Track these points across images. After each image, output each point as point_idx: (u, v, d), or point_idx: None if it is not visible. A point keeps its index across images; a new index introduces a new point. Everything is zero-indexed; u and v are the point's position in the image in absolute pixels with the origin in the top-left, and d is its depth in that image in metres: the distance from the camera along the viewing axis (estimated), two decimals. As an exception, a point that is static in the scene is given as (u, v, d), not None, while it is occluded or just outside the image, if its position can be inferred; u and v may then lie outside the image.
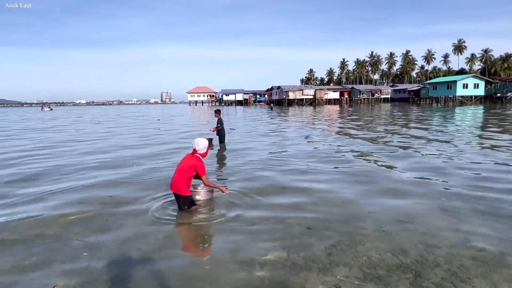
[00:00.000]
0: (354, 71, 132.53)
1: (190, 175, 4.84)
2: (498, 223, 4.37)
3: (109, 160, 9.36)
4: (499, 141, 11.77)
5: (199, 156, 4.94)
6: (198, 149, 4.93)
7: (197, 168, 4.81)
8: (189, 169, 4.81)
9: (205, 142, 4.98)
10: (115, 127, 22.43)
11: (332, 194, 5.79)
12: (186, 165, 4.83)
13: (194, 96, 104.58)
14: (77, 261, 3.56)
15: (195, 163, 4.82)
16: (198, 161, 4.86)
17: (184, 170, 4.81)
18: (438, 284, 3.00)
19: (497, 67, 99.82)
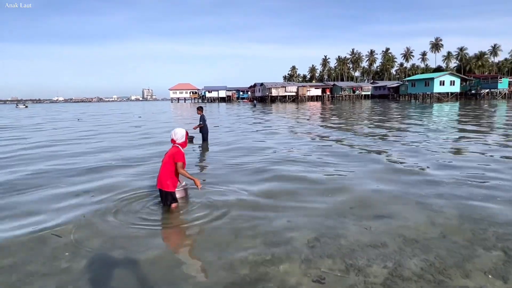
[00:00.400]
0: (335, 68, 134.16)
1: (172, 167, 4.80)
2: (470, 216, 4.57)
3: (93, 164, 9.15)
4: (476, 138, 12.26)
5: (178, 146, 4.93)
6: (176, 138, 4.91)
7: (174, 155, 4.77)
8: (170, 161, 4.79)
9: (182, 131, 4.98)
10: (97, 126, 21.89)
11: (314, 189, 5.88)
12: (167, 158, 4.81)
13: (177, 93, 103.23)
14: (58, 261, 3.49)
15: (173, 152, 4.80)
16: (177, 149, 4.86)
17: (166, 164, 4.79)
18: (418, 274, 3.12)
19: (471, 65, 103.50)
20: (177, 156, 4.78)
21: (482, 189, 5.70)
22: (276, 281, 3.05)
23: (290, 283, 3.02)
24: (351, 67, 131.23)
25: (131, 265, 3.40)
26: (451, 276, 3.10)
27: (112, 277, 3.20)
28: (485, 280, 3.02)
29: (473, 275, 3.10)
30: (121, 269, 3.35)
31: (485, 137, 12.12)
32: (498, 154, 8.70)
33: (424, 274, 3.13)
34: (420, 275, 3.11)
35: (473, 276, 3.08)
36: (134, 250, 3.70)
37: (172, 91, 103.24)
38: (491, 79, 61.09)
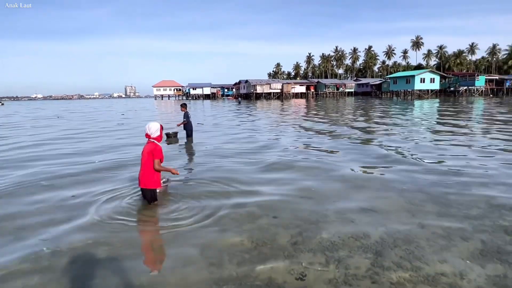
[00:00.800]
0: (319, 65, 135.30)
1: (151, 164, 4.73)
2: (449, 207, 4.72)
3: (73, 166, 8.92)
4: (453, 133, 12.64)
5: (154, 141, 4.83)
6: (150, 133, 4.81)
7: (153, 152, 4.70)
8: (148, 158, 4.70)
9: (156, 125, 4.87)
10: (78, 124, 21.35)
11: (297, 185, 5.93)
12: (146, 156, 4.72)
13: (160, 90, 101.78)
14: (39, 258, 3.40)
15: (151, 149, 4.71)
16: (153, 145, 4.77)
17: (146, 162, 4.71)
18: (397, 263, 3.20)
19: (450, 63, 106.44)
20: (156, 153, 4.71)
21: (460, 181, 5.89)
22: (263, 278, 3.06)
23: (276, 279, 3.05)
24: (335, 65, 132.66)
25: (114, 264, 3.35)
26: (429, 262, 3.20)
27: (95, 276, 3.15)
28: (463, 265, 3.14)
29: (451, 261, 3.21)
30: (104, 268, 3.29)
31: (465, 131, 12.52)
32: (476, 148, 9.01)
33: (402, 262, 3.22)
34: (399, 264, 3.20)
35: (451, 262, 3.19)
36: (117, 249, 3.64)
37: (155, 88, 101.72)
38: (468, 77, 63.02)
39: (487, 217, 4.31)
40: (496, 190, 5.41)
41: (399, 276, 3.00)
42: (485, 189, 5.47)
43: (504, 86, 66.58)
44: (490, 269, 3.09)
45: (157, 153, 4.73)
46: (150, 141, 4.84)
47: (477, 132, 12.37)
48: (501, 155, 8.15)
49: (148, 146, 4.77)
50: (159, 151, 4.77)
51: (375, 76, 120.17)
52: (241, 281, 3.00)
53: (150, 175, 4.73)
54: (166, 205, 4.95)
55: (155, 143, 4.82)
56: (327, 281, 2.96)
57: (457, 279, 2.94)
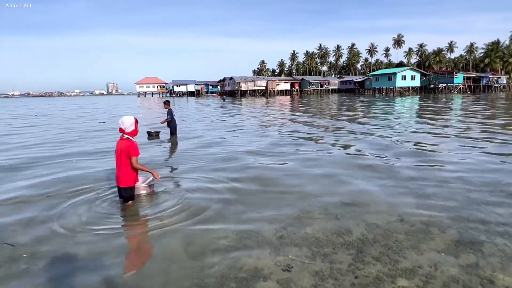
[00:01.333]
0: (304, 62, 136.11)
1: (127, 161, 4.59)
2: (428, 199, 4.91)
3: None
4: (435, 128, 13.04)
5: (129, 137, 4.64)
6: (124, 127, 4.59)
7: (129, 150, 4.54)
8: (124, 156, 4.56)
9: (130, 119, 4.65)
10: (57, 122, 20.78)
11: (282, 179, 6.02)
12: (119, 153, 4.58)
13: (143, 87, 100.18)
14: (16, 263, 3.34)
15: (126, 146, 4.55)
16: (128, 142, 4.58)
17: (122, 160, 4.59)
18: (377, 257, 3.33)
19: (430, 61, 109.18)
20: (132, 151, 4.54)
21: (436, 176, 6.11)
22: (248, 270, 3.12)
23: (261, 271, 3.11)
24: (319, 62, 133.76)
25: (95, 264, 3.33)
26: (406, 255, 3.34)
27: (75, 276, 3.13)
28: (438, 257, 3.29)
29: (427, 254, 3.36)
30: (84, 268, 3.26)
31: (443, 126, 12.93)
32: (455, 143, 9.34)
33: (381, 257, 3.34)
34: (378, 258, 3.33)
35: (427, 255, 3.34)
36: (98, 249, 3.62)
37: (138, 85, 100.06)
38: (447, 74, 64.88)
39: (464, 208, 4.51)
40: (471, 183, 5.64)
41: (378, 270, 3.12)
42: (462, 182, 5.69)
43: (481, 83, 68.93)
44: (463, 259, 3.25)
45: (134, 151, 4.56)
46: (124, 138, 4.63)
47: (454, 130, 12.78)
48: (478, 151, 8.48)
49: (124, 143, 4.58)
50: (135, 148, 4.59)
51: (358, 73, 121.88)
52: (225, 274, 3.05)
53: (127, 173, 4.63)
54: (148, 203, 4.93)
55: (130, 140, 4.62)
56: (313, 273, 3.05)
57: (432, 271, 3.08)
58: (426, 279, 2.94)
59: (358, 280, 2.95)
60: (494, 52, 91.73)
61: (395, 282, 2.91)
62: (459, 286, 2.85)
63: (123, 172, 4.64)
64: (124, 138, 4.63)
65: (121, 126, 4.63)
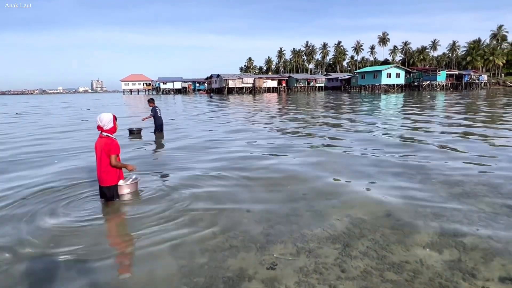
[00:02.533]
0: (291, 60, 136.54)
1: (108, 160, 4.48)
2: (414, 191, 4.97)
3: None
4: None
5: (108, 134, 4.52)
6: (102, 125, 4.46)
7: (110, 149, 4.42)
8: (104, 155, 4.46)
9: (109, 115, 4.54)
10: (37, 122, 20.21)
11: (269, 178, 6.00)
12: (99, 153, 4.47)
13: (129, 84, 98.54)
14: (-6, 266, 3.21)
15: (107, 144, 4.43)
16: (108, 140, 4.47)
17: (102, 159, 4.47)
18: (364, 252, 3.33)
19: (414, 58, 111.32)
20: (112, 149, 4.43)
21: (420, 172, 6.20)
22: (234, 270, 3.08)
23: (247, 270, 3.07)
24: (306, 59, 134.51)
25: (79, 267, 3.21)
26: (393, 251, 3.36)
27: (60, 279, 3.02)
28: (423, 253, 3.32)
29: (413, 250, 3.38)
30: (69, 272, 3.16)
31: (429, 121, 13.17)
32: (439, 138, 9.51)
33: (369, 252, 3.35)
34: (365, 253, 3.34)
35: (413, 251, 3.37)
36: (82, 252, 3.51)
37: (124, 82, 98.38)
38: (431, 72, 66.21)
39: (449, 201, 4.58)
40: (458, 175, 5.74)
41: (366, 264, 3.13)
42: (448, 173, 5.79)
43: (463, 80, 70.63)
44: (447, 255, 3.28)
45: (114, 149, 4.45)
46: (103, 136, 4.50)
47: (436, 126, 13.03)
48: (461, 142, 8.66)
49: (103, 141, 4.46)
50: (115, 146, 4.48)
51: (344, 71, 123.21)
52: (212, 274, 3.00)
53: (109, 171, 4.52)
54: (132, 202, 4.82)
55: (110, 138, 4.51)
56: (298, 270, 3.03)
57: (419, 266, 3.10)
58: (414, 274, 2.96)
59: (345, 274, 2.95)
60: (476, 50, 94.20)
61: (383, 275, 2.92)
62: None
63: (105, 170, 4.51)
64: (104, 136, 4.51)
65: (99, 124, 4.49)
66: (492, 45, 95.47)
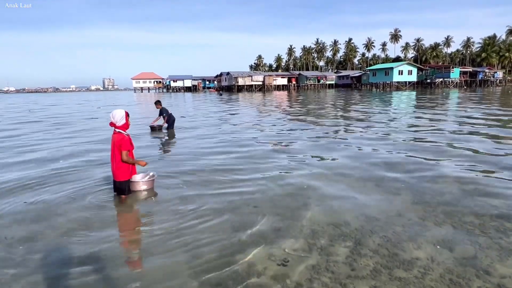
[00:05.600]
0: (301, 57, 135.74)
1: (120, 156, 4.59)
2: (424, 194, 4.91)
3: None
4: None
5: (120, 130, 4.61)
6: (115, 121, 4.56)
7: (121, 145, 4.52)
8: (117, 151, 4.57)
9: (121, 112, 4.63)
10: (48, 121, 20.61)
11: (279, 174, 5.99)
12: (113, 149, 4.60)
13: (140, 82, 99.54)
14: (13, 254, 3.30)
15: (118, 140, 4.53)
16: (119, 136, 4.56)
17: (114, 155, 4.60)
18: (375, 250, 3.31)
19: (427, 55, 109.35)
20: (123, 145, 4.53)
21: (431, 171, 6.11)
22: (243, 265, 3.10)
23: (256, 266, 3.09)
24: (316, 57, 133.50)
25: (91, 262, 3.27)
26: (405, 248, 3.33)
27: (69, 272, 3.09)
28: (434, 250, 3.28)
29: (424, 247, 3.35)
30: (82, 266, 3.20)
31: (442, 122, 12.95)
32: (449, 138, 9.35)
33: (380, 249, 3.33)
34: (376, 251, 3.32)
35: (424, 248, 3.33)
36: (91, 243, 3.57)
37: (135, 80, 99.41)
38: (444, 69, 65.02)
39: (460, 202, 4.51)
40: (471, 178, 5.64)
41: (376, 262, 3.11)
42: (458, 176, 5.70)
43: (477, 78, 69.14)
44: (459, 252, 3.24)
45: (125, 145, 4.55)
46: (116, 132, 4.61)
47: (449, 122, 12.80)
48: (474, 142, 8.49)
49: (115, 137, 4.57)
50: (126, 141, 4.58)
51: (355, 68, 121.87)
52: (221, 269, 3.02)
53: (121, 167, 4.63)
54: (146, 199, 4.89)
55: (122, 134, 4.60)
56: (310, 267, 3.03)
57: (429, 263, 3.07)
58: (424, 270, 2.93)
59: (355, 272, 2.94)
60: (491, 46, 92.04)
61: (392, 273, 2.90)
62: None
63: (117, 166, 4.62)
64: (116, 132, 4.61)
65: (112, 120, 4.61)
66: (508, 41, 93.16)
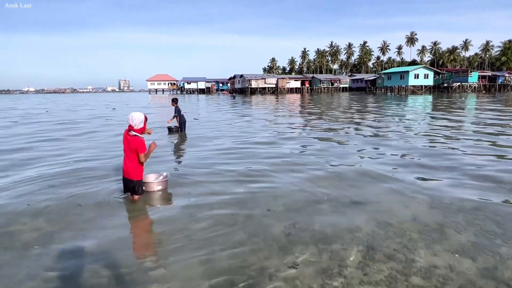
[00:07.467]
0: (314, 60, 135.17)
1: (135, 157, 4.64)
2: (440, 200, 4.77)
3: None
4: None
5: (136, 134, 4.60)
6: (133, 124, 4.56)
7: (137, 148, 4.54)
8: (132, 153, 4.61)
9: (140, 116, 4.63)
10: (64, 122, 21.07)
11: (290, 178, 5.93)
12: (127, 150, 4.62)
13: (154, 84, 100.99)
14: (28, 253, 3.36)
15: (134, 143, 4.54)
16: (136, 139, 4.56)
17: (128, 156, 4.64)
18: (390, 255, 3.22)
19: (444, 59, 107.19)
20: (140, 148, 4.56)
21: (450, 176, 5.94)
22: (255, 268, 3.06)
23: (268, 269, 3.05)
24: (330, 60, 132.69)
25: (105, 259, 3.30)
26: (421, 255, 3.23)
27: (82, 271, 3.11)
28: (452, 259, 3.16)
29: (442, 255, 3.23)
30: (96, 264, 3.23)
31: (459, 127, 12.63)
32: (465, 143, 9.10)
33: (396, 255, 3.23)
34: (391, 256, 3.22)
35: (442, 256, 3.22)
36: (105, 243, 3.60)
37: (150, 82, 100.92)
38: (462, 73, 63.47)
39: (480, 210, 4.35)
40: (487, 184, 5.46)
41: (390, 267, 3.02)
42: (479, 182, 5.52)
43: (497, 82, 67.28)
44: (481, 262, 3.11)
45: (142, 147, 4.59)
46: (132, 135, 4.58)
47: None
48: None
49: (132, 140, 4.55)
50: (143, 144, 4.60)
51: (369, 71, 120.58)
52: (233, 272, 2.99)
53: (136, 167, 4.67)
54: (158, 200, 4.91)
55: (138, 137, 4.59)
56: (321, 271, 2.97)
57: (448, 272, 2.96)
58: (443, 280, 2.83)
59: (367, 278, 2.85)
60: (511, 50, 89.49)
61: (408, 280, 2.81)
62: None
63: (131, 166, 4.66)
64: (132, 135, 4.60)
65: (130, 123, 4.60)
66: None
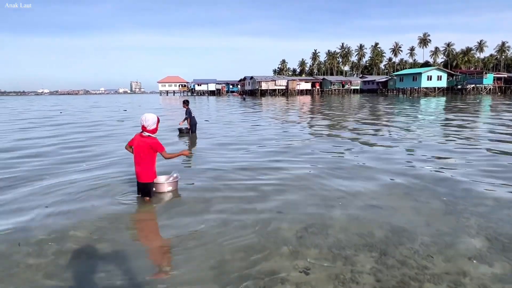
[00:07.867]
0: (325, 62, 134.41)
1: (152, 158, 4.72)
2: (455, 205, 4.69)
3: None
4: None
5: (150, 134, 4.67)
6: (147, 125, 4.63)
7: (154, 147, 4.63)
8: (148, 153, 4.66)
9: (153, 117, 4.71)
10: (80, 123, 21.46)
11: (303, 180, 5.92)
12: (142, 151, 4.64)
13: (165, 85, 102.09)
14: (44, 252, 3.44)
15: (150, 144, 4.62)
16: (151, 139, 4.64)
17: (145, 157, 4.66)
18: (402, 261, 3.19)
19: (458, 60, 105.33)
20: (157, 147, 4.66)
21: (463, 181, 5.84)
22: (266, 272, 3.07)
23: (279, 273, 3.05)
24: (341, 62, 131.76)
25: (115, 262, 3.34)
26: (434, 261, 3.18)
27: (98, 272, 3.17)
28: (469, 264, 3.11)
29: (456, 261, 3.18)
30: (106, 265, 3.28)
31: (472, 132, 12.39)
32: (478, 148, 8.92)
33: (408, 261, 3.20)
34: (404, 262, 3.19)
35: (456, 261, 3.17)
36: (120, 247, 3.65)
37: (161, 84, 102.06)
38: (476, 75, 62.25)
39: (494, 214, 4.27)
40: (502, 188, 5.35)
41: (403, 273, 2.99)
42: (492, 186, 5.41)
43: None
44: (497, 267, 3.06)
45: (158, 147, 4.68)
46: (144, 135, 4.66)
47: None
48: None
49: (146, 140, 4.63)
50: (159, 143, 4.71)
51: (381, 73, 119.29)
52: (243, 275, 3.00)
53: (147, 169, 4.72)
54: (169, 201, 4.97)
55: (152, 137, 4.69)
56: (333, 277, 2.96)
57: (461, 278, 2.91)
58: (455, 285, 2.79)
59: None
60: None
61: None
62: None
63: (143, 168, 4.71)
64: (145, 136, 4.68)
65: (143, 124, 4.67)
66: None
